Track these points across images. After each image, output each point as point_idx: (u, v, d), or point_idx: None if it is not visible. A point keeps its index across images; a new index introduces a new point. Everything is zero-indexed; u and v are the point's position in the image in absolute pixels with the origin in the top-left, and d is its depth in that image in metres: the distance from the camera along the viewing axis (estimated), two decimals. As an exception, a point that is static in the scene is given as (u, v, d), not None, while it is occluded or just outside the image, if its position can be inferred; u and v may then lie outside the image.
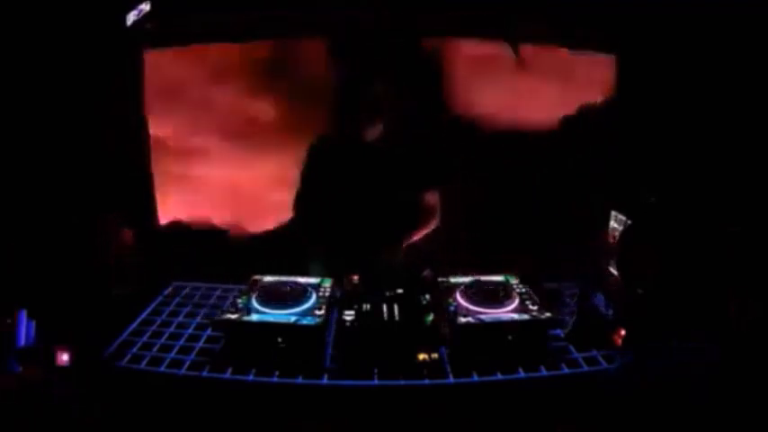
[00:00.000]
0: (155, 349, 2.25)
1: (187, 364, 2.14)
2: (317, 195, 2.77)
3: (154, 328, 2.43)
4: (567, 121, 3.84)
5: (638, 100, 3.38)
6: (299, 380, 2.02)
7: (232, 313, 2.17)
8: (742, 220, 2.47)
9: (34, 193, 2.76)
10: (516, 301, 2.22)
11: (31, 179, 2.81)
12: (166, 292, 2.77)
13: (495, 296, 2.23)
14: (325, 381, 2.02)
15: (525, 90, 3.64)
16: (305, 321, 2.11)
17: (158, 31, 3.17)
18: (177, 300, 2.70)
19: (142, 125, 3.51)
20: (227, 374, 2.06)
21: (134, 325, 2.43)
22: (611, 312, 2.23)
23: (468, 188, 3.89)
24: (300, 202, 2.84)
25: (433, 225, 2.81)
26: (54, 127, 2.97)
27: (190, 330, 2.40)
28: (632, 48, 3.25)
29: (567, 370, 2.09)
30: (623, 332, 2.08)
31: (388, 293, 2.30)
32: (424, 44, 3.22)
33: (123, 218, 3.11)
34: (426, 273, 2.41)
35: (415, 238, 2.71)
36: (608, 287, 2.32)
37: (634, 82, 3.35)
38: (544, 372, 2.06)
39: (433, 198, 2.82)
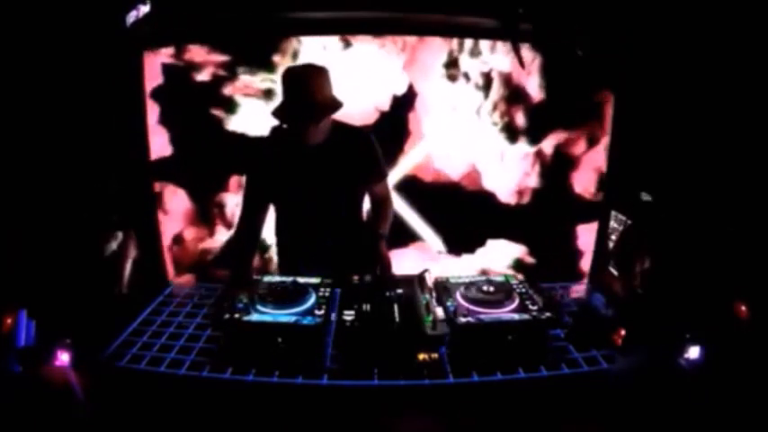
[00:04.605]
0: (155, 349, 2.25)
1: (187, 364, 2.14)
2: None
3: (154, 328, 2.43)
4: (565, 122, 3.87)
5: (637, 101, 3.39)
6: (299, 380, 2.02)
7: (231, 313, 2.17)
8: (740, 220, 2.47)
9: (34, 193, 2.77)
10: (516, 301, 2.22)
11: (31, 180, 2.81)
12: (167, 292, 2.77)
13: (495, 296, 2.23)
14: (325, 381, 2.02)
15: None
16: (305, 321, 2.11)
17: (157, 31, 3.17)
18: (177, 300, 2.70)
19: (142, 126, 3.52)
20: (227, 374, 2.06)
21: (134, 325, 2.43)
22: (611, 312, 2.23)
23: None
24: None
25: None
26: (54, 128, 2.98)
27: (190, 330, 2.40)
28: (632, 50, 3.26)
29: (567, 370, 2.09)
30: (623, 332, 2.08)
31: (388, 293, 2.30)
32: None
33: (124, 218, 3.12)
34: (425, 272, 2.41)
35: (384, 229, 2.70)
36: (608, 287, 2.32)
37: (633, 83, 3.36)
38: (544, 372, 2.07)
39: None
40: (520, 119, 3.86)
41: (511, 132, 3.90)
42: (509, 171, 3.96)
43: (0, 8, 2.68)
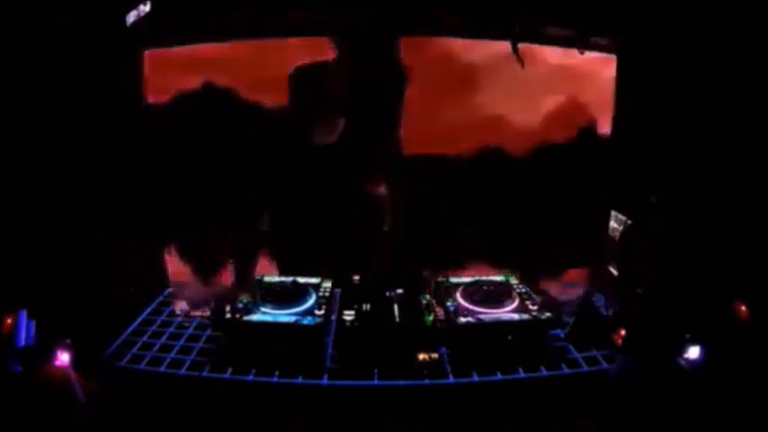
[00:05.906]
0: (155, 349, 2.25)
1: (187, 364, 2.14)
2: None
3: (154, 328, 2.43)
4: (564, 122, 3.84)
5: (637, 101, 3.38)
6: (299, 380, 2.02)
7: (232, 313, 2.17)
8: (740, 220, 2.47)
9: (35, 195, 2.76)
10: (516, 301, 2.22)
11: (32, 181, 2.81)
12: (166, 293, 2.77)
13: (495, 296, 2.23)
14: (325, 381, 2.02)
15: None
16: (305, 321, 2.11)
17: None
18: (177, 300, 2.70)
19: (143, 125, 3.50)
20: (227, 374, 2.06)
21: (134, 325, 2.43)
22: (611, 312, 2.23)
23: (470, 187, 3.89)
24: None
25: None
26: (54, 128, 2.97)
27: (190, 330, 2.40)
28: (633, 48, 3.25)
29: (567, 370, 2.09)
30: (623, 332, 2.08)
31: (388, 293, 2.30)
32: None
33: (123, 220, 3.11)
34: (425, 272, 2.41)
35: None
36: (608, 287, 2.32)
37: (634, 82, 3.35)
38: (544, 372, 2.07)
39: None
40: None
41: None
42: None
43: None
